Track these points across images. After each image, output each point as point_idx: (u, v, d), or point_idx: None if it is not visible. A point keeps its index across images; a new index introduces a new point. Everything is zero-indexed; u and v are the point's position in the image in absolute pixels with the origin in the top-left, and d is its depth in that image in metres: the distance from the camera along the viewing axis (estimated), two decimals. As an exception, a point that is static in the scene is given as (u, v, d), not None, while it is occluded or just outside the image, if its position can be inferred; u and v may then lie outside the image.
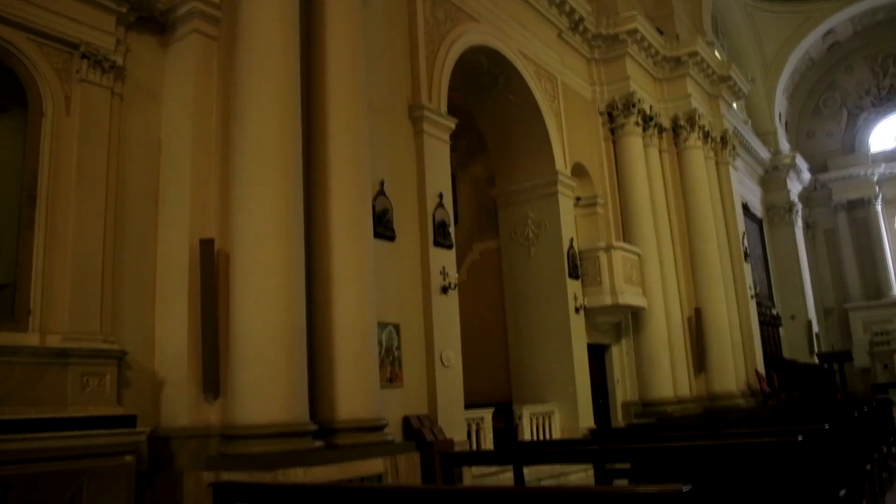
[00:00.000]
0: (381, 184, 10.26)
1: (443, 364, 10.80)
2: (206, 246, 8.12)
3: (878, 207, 30.64)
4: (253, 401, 7.61)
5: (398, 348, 10.17)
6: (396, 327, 10.20)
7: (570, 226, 14.89)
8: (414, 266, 10.83)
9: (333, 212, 8.87)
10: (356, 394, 8.54)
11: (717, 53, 21.52)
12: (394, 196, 10.51)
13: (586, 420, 14.08)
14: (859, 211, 31.07)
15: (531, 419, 13.33)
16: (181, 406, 7.90)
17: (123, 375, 7.69)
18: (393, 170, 10.71)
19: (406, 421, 10.01)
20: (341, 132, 9.11)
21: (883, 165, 30.57)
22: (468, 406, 11.59)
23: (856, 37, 30.64)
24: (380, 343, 9.67)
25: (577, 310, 14.42)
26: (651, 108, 17.85)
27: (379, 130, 10.39)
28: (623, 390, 16.16)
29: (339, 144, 9.06)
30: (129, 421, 7.23)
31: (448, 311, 11.15)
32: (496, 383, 14.66)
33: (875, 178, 30.64)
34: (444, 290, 10.99)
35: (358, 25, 9.73)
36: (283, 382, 7.71)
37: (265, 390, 7.61)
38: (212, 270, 8.07)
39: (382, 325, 9.80)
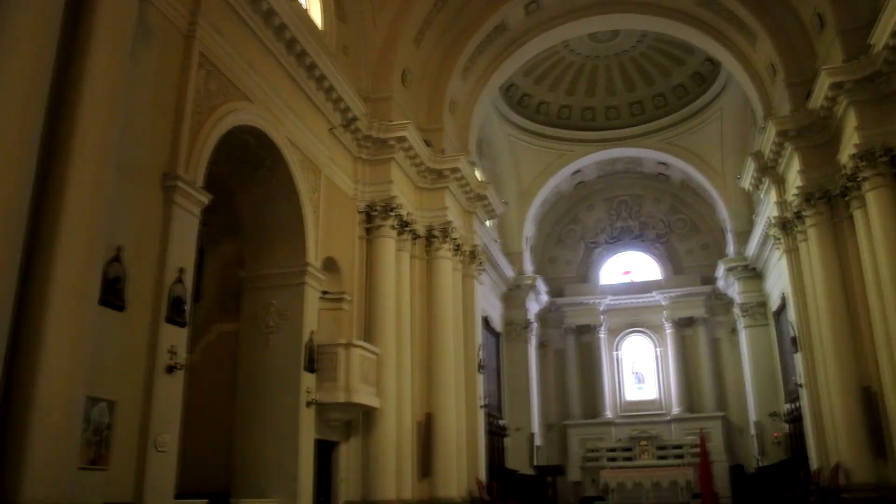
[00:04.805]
0: (119, 249, 9.62)
1: (157, 449, 10.09)
2: None
3: (602, 335, 33.46)
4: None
5: (109, 427, 9.35)
6: (111, 404, 9.40)
7: (312, 318, 14.78)
8: (141, 340, 10.12)
9: (57, 271, 8.11)
10: (48, 474, 7.68)
11: (477, 173, 22.93)
12: (131, 264, 9.85)
13: (305, 518, 13.72)
14: (586, 336, 33.69)
15: (247, 513, 12.76)
16: None
17: None
18: (135, 237, 10.09)
19: (105, 508, 9.19)
20: (81, 188, 8.45)
21: (609, 297, 33.53)
22: (181, 495, 10.87)
23: (598, 180, 34.00)
24: (88, 420, 8.87)
25: (308, 403, 14.15)
26: (409, 214, 18.52)
27: (125, 193, 9.80)
28: (347, 489, 16.00)
29: (76, 201, 8.39)
30: None
31: (171, 391, 10.47)
32: (216, 472, 13.88)
33: (601, 308, 33.49)
34: (171, 369, 10.35)
35: (121, 79, 9.22)
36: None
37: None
38: None
39: (94, 401, 9.00)
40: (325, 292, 15.70)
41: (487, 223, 24.85)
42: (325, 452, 15.44)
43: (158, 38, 10.91)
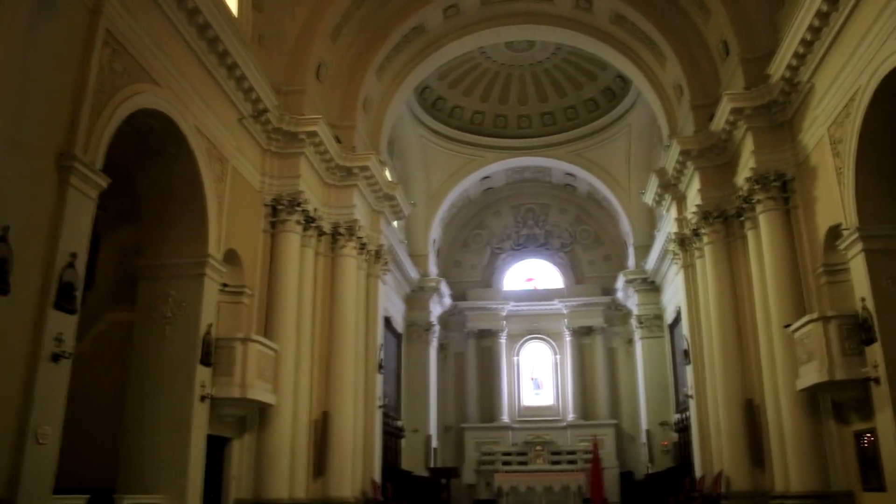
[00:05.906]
0: (6, 229, 9.15)
1: (37, 441, 9.63)
2: None
3: (502, 340, 33.81)
4: None
5: (-19, 418, 8.90)
6: (-13, 394, 8.96)
7: (211, 311, 14.41)
8: (25, 327, 9.61)
9: (-66, 250, 7.71)
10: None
11: (387, 173, 22.86)
12: (19, 246, 9.33)
13: (193, 515, 13.35)
14: (487, 340, 33.99)
15: (131, 510, 12.31)
16: None
17: None
18: (24, 218, 9.57)
19: (-27, 504, 8.72)
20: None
21: (511, 303, 33.95)
22: (61, 490, 10.41)
23: (507, 187, 34.44)
24: (-39, 410, 8.44)
25: (202, 398, 13.80)
26: (315, 210, 18.33)
27: (16, 171, 9.33)
28: (238, 487, 15.68)
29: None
30: None
31: (56, 380, 9.98)
32: (101, 467, 13.36)
33: (503, 314, 33.83)
34: (56, 357, 9.88)
35: (13, 50, 8.79)
36: None
37: None
38: None
39: (-31, 390, 8.57)
40: (225, 285, 15.34)
41: (394, 224, 24.81)
42: (216, 449, 15.08)
43: (62, 11, 10.43)
